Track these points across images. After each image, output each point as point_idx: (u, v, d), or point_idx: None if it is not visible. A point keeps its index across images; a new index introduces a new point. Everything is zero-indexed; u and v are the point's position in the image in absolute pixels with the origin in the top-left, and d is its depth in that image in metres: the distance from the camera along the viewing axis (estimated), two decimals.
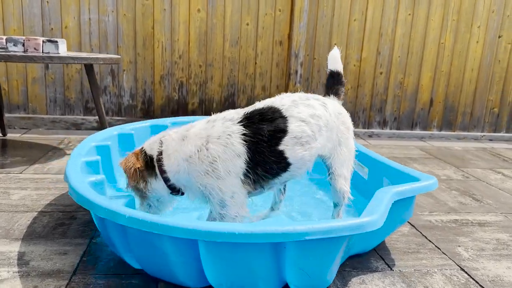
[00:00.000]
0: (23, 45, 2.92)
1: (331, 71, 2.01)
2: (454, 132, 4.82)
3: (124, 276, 1.68)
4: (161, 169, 1.67)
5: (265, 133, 1.65)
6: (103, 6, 4.01)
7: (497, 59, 4.70)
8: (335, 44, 4.07)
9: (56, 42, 2.95)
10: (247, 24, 4.26)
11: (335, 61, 2.00)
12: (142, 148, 1.74)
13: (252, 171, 1.65)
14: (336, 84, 2.00)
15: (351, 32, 4.40)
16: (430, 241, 2.14)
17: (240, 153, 1.63)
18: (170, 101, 4.31)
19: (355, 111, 4.59)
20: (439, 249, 2.06)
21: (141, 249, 1.54)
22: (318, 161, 1.92)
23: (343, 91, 2.02)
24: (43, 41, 2.94)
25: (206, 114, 4.31)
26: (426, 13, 4.46)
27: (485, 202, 2.73)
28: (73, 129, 4.15)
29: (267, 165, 1.67)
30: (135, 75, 4.20)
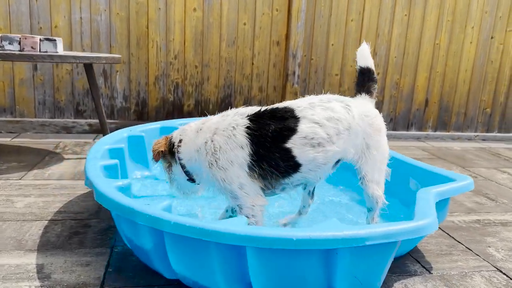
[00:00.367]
0: (19, 43, 2.76)
1: (361, 67, 1.91)
2: (448, 132, 4.84)
3: (157, 287, 1.56)
4: (178, 156, 1.78)
5: (270, 128, 1.66)
6: (96, 4, 3.85)
7: (489, 59, 4.74)
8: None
9: (54, 40, 2.79)
10: (244, 24, 4.17)
11: (364, 57, 1.91)
12: (171, 135, 1.86)
13: (257, 164, 1.65)
14: (368, 81, 1.90)
15: (348, 32, 4.36)
16: (459, 242, 2.10)
17: (243, 144, 1.65)
18: (165, 102, 4.17)
19: None
20: (470, 250, 2.02)
21: (182, 257, 1.43)
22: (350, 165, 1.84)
23: (376, 88, 1.91)
24: (40, 40, 2.78)
25: (202, 115, 4.19)
26: (422, 13, 4.46)
27: (500, 202, 2.71)
28: (63, 132, 3.97)
29: (272, 161, 1.66)
30: (128, 76, 4.05)
